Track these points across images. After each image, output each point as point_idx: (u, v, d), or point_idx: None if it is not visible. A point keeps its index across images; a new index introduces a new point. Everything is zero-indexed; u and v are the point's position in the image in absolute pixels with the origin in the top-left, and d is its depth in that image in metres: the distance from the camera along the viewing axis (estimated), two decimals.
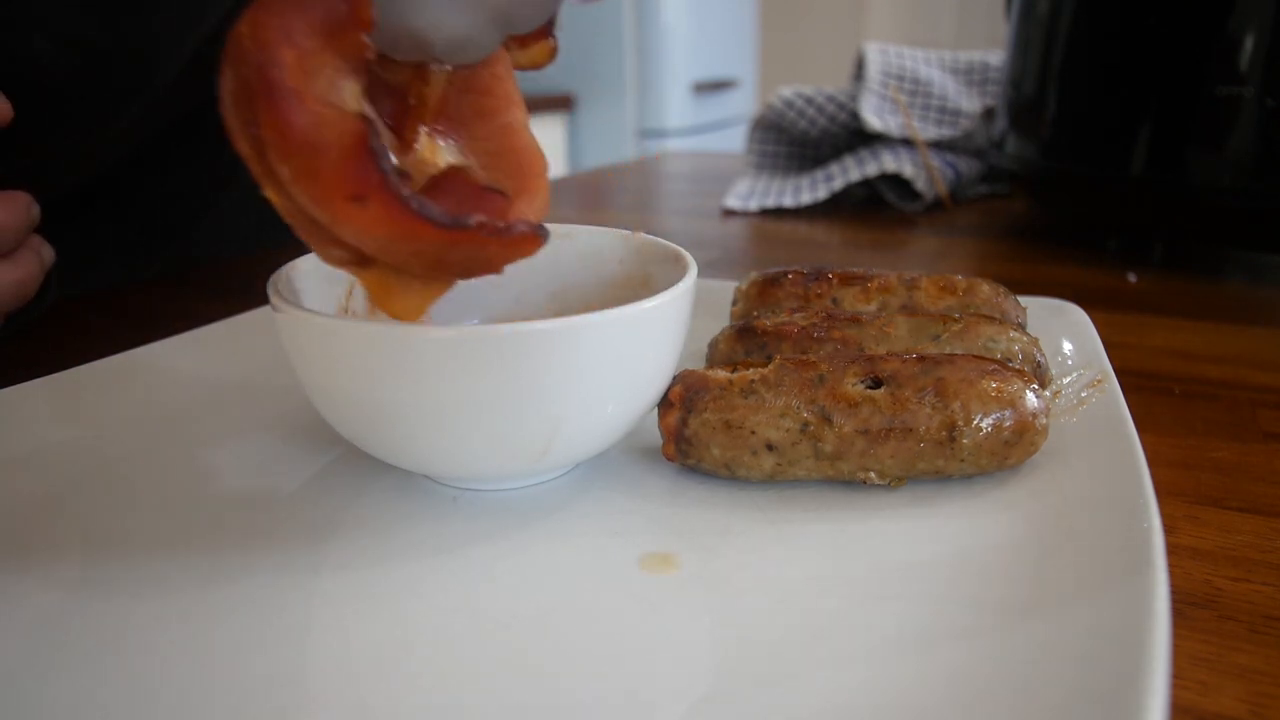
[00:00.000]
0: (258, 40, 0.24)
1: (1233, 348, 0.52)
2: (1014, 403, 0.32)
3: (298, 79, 0.24)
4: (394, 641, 0.26)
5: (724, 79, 2.95)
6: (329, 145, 0.24)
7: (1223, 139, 0.64)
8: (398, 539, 0.31)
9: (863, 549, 0.30)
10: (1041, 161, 0.76)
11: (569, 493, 0.34)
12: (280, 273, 0.33)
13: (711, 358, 0.41)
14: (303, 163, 0.24)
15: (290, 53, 0.24)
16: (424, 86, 0.29)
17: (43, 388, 0.41)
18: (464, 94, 0.30)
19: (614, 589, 0.28)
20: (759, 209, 0.95)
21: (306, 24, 0.24)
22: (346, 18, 0.25)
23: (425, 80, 0.29)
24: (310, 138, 0.24)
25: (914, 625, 0.25)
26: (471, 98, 0.30)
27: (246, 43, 0.24)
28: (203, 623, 0.27)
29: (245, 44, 0.24)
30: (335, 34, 0.25)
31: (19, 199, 0.39)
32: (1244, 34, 0.62)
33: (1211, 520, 0.34)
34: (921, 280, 0.43)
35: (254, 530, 0.31)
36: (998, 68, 1.02)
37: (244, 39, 0.24)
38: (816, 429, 0.32)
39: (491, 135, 0.31)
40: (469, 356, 0.28)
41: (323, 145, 0.24)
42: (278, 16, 0.24)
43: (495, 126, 0.31)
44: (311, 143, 0.24)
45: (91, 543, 0.31)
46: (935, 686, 0.23)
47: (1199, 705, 0.25)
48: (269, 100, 0.24)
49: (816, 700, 0.23)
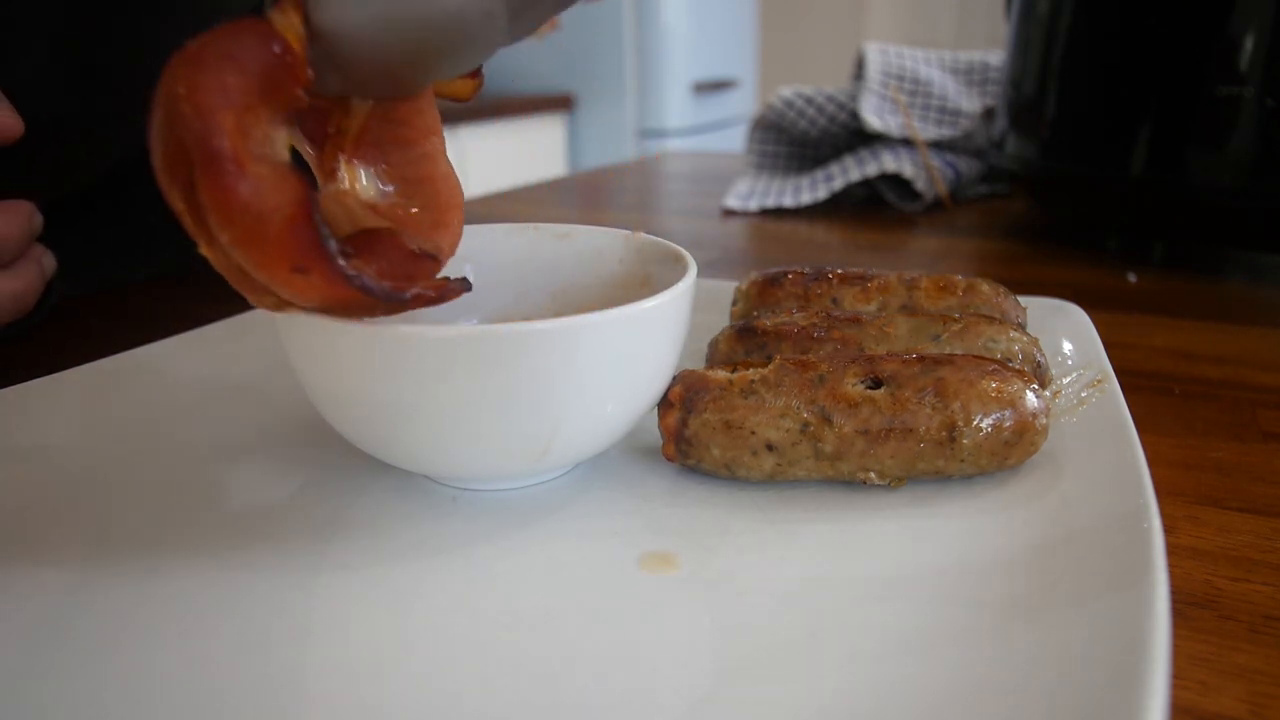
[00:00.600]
0: (197, 106, 0.23)
1: (1233, 348, 0.52)
2: (1014, 403, 0.32)
3: (237, 143, 0.24)
4: (394, 642, 0.26)
5: (724, 79, 2.95)
6: (270, 214, 0.24)
7: (1223, 139, 0.64)
8: (398, 539, 0.31)
9: (863, 549, 0.30)
10: (1041, 161, 0.76)
11: (569, 493, 0.34)
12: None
13: (711, 358, 0.41)
14: (244, 232, 0.24)
15: (229, 117, 0.24)
16: (345, 118, 0.29)
17: (43, 388, 0.41)
18: (383, 123, 0.30)
19: (614, 589, 0.28)
20: (759, 209, 0.95)
21: (245, 83, 0.24)
22: (284, 76, 0.25)
23: (346, 112, 0.29)
24: (253, 207, 0.24)
25: (914, 625, 0.25)
26: (390, 127, 0.30)
27: (185, 107, 0.23)
28: (203, 623, 0.27)
29: (184, 108, 0.23)
30: (272, 92, 0.25)
31: (21, 209, 0.38)
32: (1244, 34, 0.62)
33: (1211, 520, 0.34)
34: (921, 280, 0.43)
35: (254, 530, 0.31)
36: (998, 68, 1.02)
37: (181, 102, 0.23)
38: (816, 429, 0.32)
39: (409, 163, 0.31)
40: (469, 357, 0.28)
41: (264, 214, 0.24)
42: (214, 77, 0.23)
43: (414, 155, 0.31)
44: (254, 212, 0.24)
45: (92, 543, 0.31)
46: (935, 686, 0.23)
47: (1199, 705, 0.25)
48: (211, 169, 0.23)
49: (816, 700, 0.23)
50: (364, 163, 0.30)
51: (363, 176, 0.30)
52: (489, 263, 0.40)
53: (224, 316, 0.50)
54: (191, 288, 0.65)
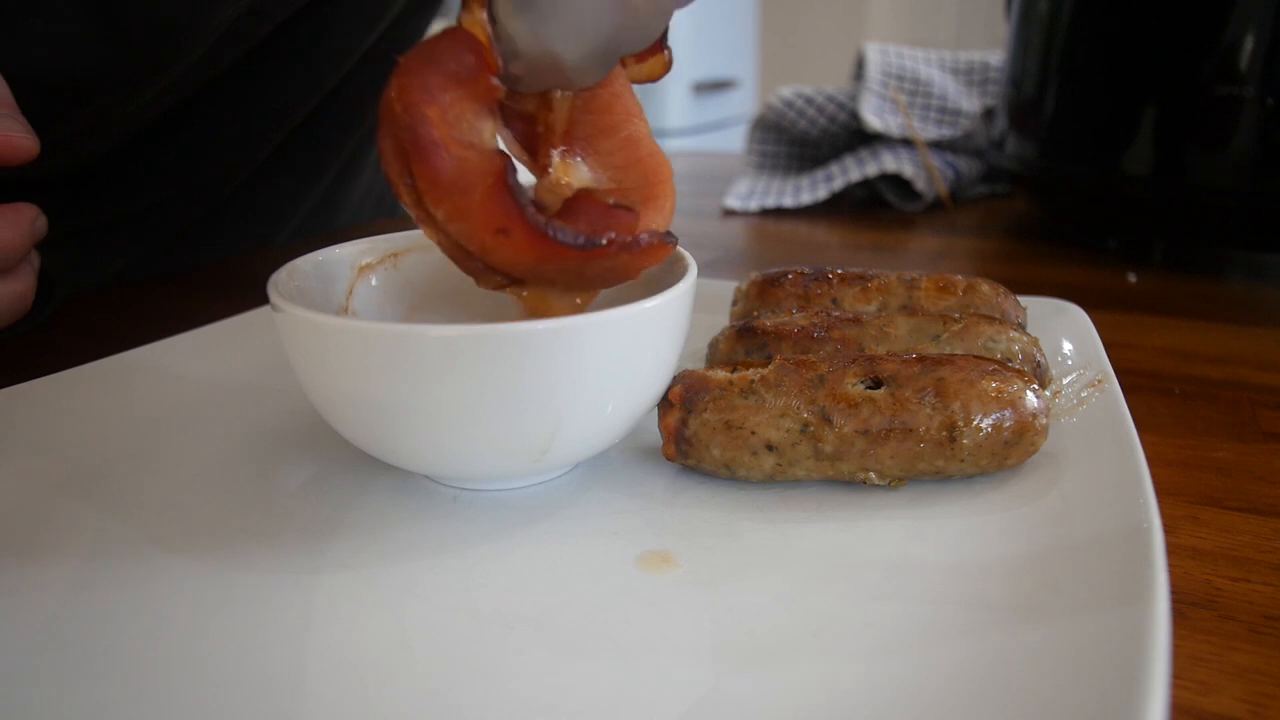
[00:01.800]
0: (405, 103, 0.27)
1: (1233, 348, 0.52)
2: (1014, 403, 0.32)
3: (441, 130, 0.28)
4: (394, 641, 0.26)
5: (724, 79, 2.95)
6: (473, 186, 0.28)
7: (1223, 139, 0.64)
8: (398, 539, 0.31)
9: (863, 549, 0.30)
10: (1041, 161, 0.76)
11: (569, 493, 0.34)
12: (280, 273, 0.33)
13: (711, 358, 0.41)
14: (453, 205, 0.28)
15: (433, 109, 0.28)
16: (549, 113, 0.32)
17: (43, 388, 0.41)
18: (587, 114, 0.33)
19: (613, 588, 0.28)
20: (759, 209, 0.95)
21: (443, 78, 0.28)
22: (476, 67, 0.29)
23: (550, 107, 0.32)
24: (457, 182, 0.28)
25: (914, 625, 0.25)
26: (594, 116, 0.33)
27: (396, 107, 0.27)
28: (203, 622, 0.27)
29: (395, 108, 0.27)
30: (468, 82, 0.29)
31: (24, 214, 0.38)
32: (1244, 34, 0.62)
33: (1211, 520, 0.34)
34: (921, 280, 0.43)
35: (254, 530, 0.31)
36: (998, 68, 1.02)
37: (393, 104, 0.27)
38: (816, 429, 0.32)
39: (616, 149, 0.33)
40: (468, 356, 0.28)
41: (468, 187, 0.28)
42: (418, 78, 0.28)
43: (619, 140, 0.33)
44: (459, 186, 0.28)
45: (92, 542, 0.31)
46: (935, 686, 0.23)
47: (1199, 705, 0.25)
48: (419, 154, 0.27)
49: (816, 700, 0.23)
50: (575, 154, 0.33)
51: (576, 167, 0.32)
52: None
53: (224, 316, 0.50)
54: (191, 288, 0.65)
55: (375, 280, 0.39)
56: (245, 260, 0.72)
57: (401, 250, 0.40)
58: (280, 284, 0.32)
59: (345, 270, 0.38)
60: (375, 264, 0.39)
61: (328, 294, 0.36)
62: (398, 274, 0.40)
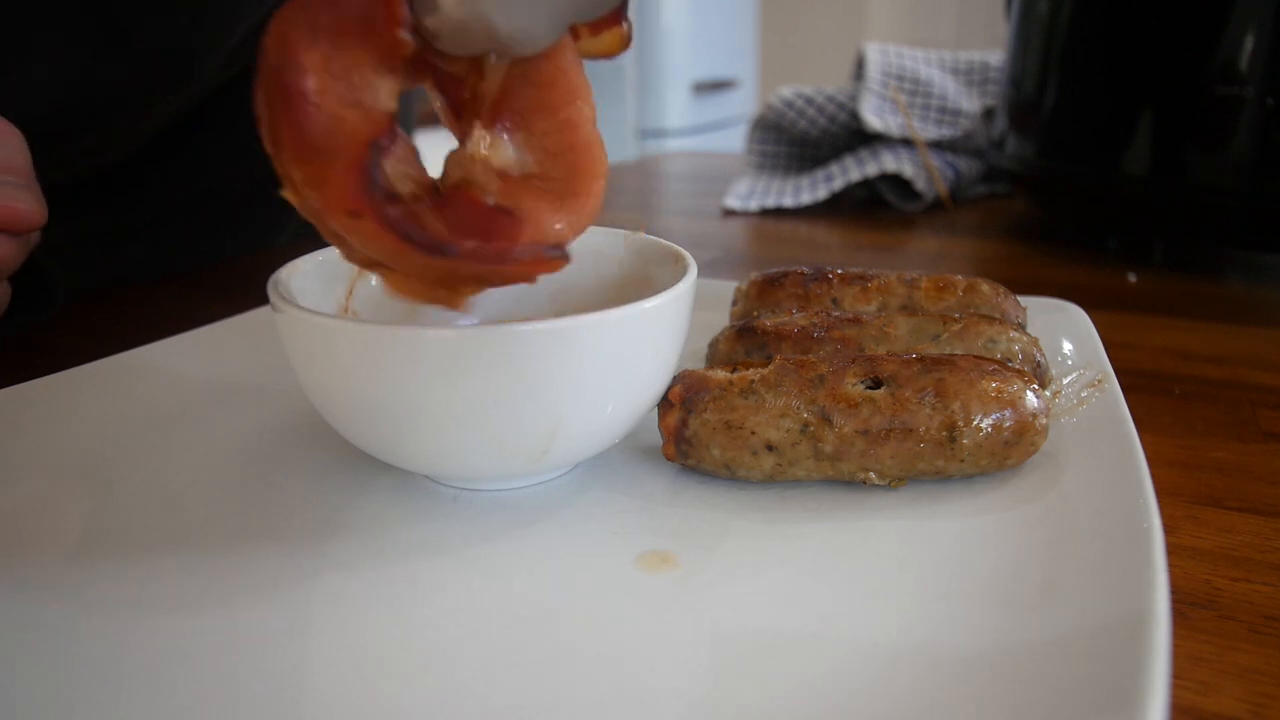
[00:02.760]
0: (281, 42, 0.23)
1: (1233, 348, 0.52)
2: (1014, 403, 0.32)
3: (319, 80, 0.24)
4: (394, 641, 0.26)
5: (724, 79, 2.95)
6: (337, 153, 0.24)
7: (1223, 139, 0.64)
8: (397, 539, 0.31)
9: (862, 549, 0.30)
10: (1041, 161, 0.76)
11: (569, 493, 0.34)
12: (280, 273, 0.33)
13: (712, 357, 0.41)
14: (312, 170, 0.24)
15: (313, 55, 0.23)
16: (479, 81, 0.28)
17: (43, 388, 0.41)
18: (526, 86, 0.29)
19: (613, 588, 0.28)
20: (759, 209, 0.95)
21: (335, 21, 0.24)
22: (379, 14, 0.24)
23: (480, 74, 0.28)
24: (321, 144, 0.24)
25: (914, 625, 0.25)
26: (533, 90, 0.29)
27: (269, 43, 0.24)
28: (202, 622, 0.27)
29: (269, 45, 0.24)
30: (366, 31, 0.24)
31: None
32: (1244, 34, 0.62)
33: (1211, 520, 0.34)
34: (921, 280, 0.43)
35: (254, 530, 0.31)
36: (998, 68, 1.02)
37: (269, 39, 0.24)
38: (816, 429, 0.32)
39: (551, 131, 0.29)
40: (469, 357, 0.28)
41: (331, 152, 0.24)
42: (304, 15, 0.24)
43: (556, 122, 0.29)
44: (322, 149, 0.24)
45: (91, 543, 0.31)
46: (935, 686, 0.23)
47: (1199, 705, 0.25)
48: (284, 104, 0.24)
49: (816, 700, 0.23)
50: (503, 129, 0.29)
51: (502, 144, 0.29)
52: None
53: (224, 316, 0.50)
54: (191, 288, 0.65)
55: (376, 279, 0.38)
56: (245, 261, 0.72)
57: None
58: (280, 284, 0.32)
59: (346, 269, 0.38)
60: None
61: (328, 293, 0.36)
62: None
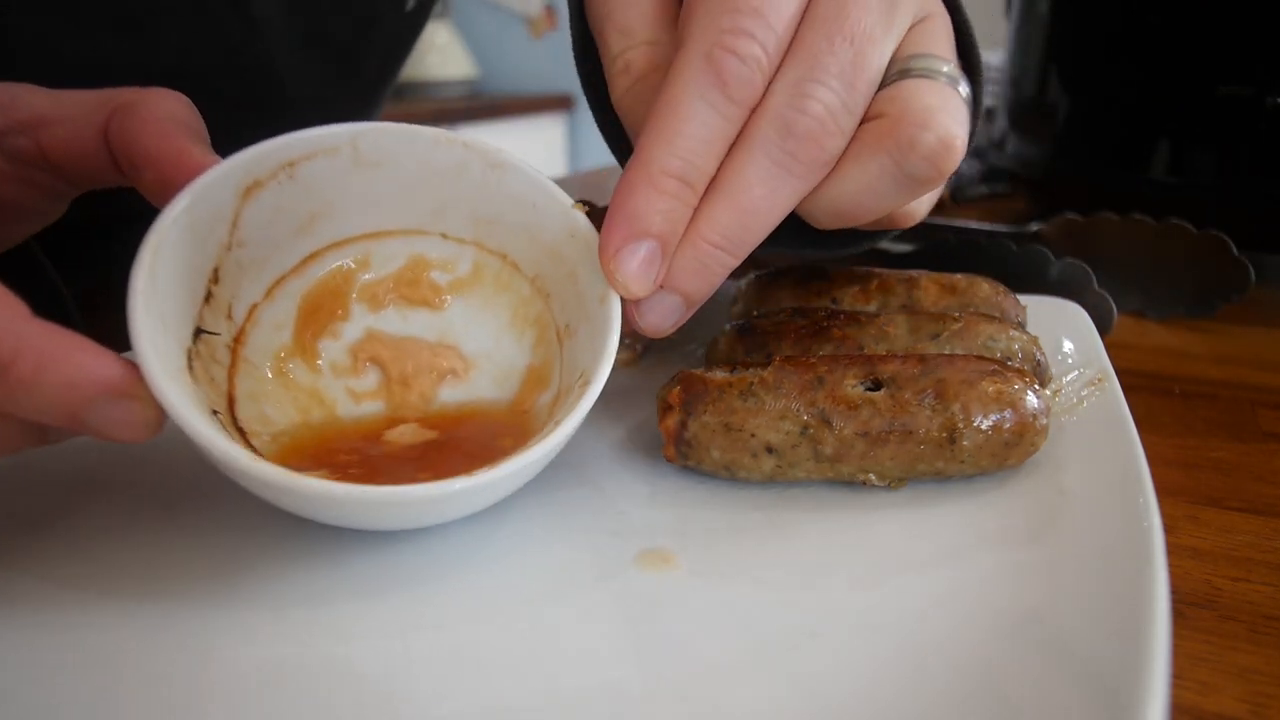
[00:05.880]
0: None
1: (1233, 348, 0.52)
2: (1014, 404, 0.32)
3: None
4: (393, 641, 0.26)
5: None
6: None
7: (1223, 139, 0.64)
8: (397, 539, 0.31)
9: (862, 548, 0.30)
10: (1041, 161, 0.76)
11: (569, 492, 0.34)
12: (140, 263, 0.28)
13: (712, 357, 0.41)
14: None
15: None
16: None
17: None
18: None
19: (613, 587, 0.28)
20: None
21: None
22: None
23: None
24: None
25: (914, 625, 0.25)
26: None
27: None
28: (206, 623, 0.27)
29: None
30: None
31: None
32: (1244, 34, 0.62)
33: (1211, 520, 0.34)
34: (921, 280, 0.43)
35: (254, 529, 0.31)
36: (998, 68, 1.02)
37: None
38: (816, 432, 0.32)
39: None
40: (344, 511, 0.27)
41: None
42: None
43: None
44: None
45: (92, 542, 0.31)
46: (935, 686, 0.23)
47: (1199, 705, 0.25)
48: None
49: (815, 699, 0.23)
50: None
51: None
52: (408, 171, 0.35)
53: None
54: None
55: (265, 200, 0.33)
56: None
57: (299, 157, 0.33)
58: (140, 291, 0.28)
59: (228, 199, 0.32)
60: (265, 180, 0.32)
61: (206, 241, 0.32)
62: (294, 186, 0.33)
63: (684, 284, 0.31)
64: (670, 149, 0.29)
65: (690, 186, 0.30)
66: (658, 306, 0.32)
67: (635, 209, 0.29)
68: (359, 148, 0.34)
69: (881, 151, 0.30)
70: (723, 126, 0.30)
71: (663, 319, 0.32)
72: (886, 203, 0.31)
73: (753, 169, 0.30)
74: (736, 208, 0.30)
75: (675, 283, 0.31)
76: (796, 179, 0.30)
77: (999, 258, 0.55)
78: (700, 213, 0.30)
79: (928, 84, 0.30)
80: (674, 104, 0.29)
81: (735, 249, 0.31)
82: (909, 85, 0.30)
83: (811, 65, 0.29)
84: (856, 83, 0.30)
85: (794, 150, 0.29)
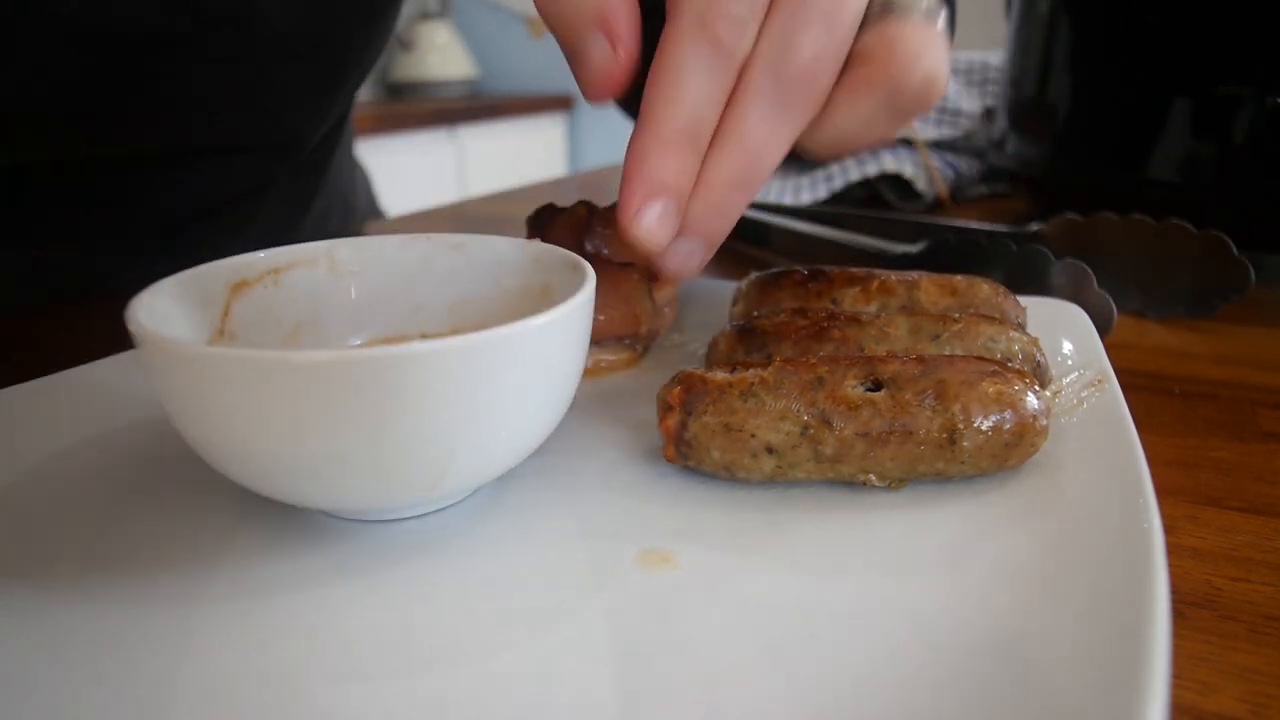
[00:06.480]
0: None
1: (1233, 348, 0.52)
2: (1014, 405, 0.32)
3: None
4: (391, 640, 0.26)
5: None
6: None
7: (1223, 138, 0.64)
8: (396, 539, 0.31)
9: (863, 549, 0.30)
10: (1041, 161, 0.76)
11: (569, 493, 0.34)
12: (142, 296, 0.30)
13: (712, 357, 0.41)
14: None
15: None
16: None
17: (43, 388, 0.41)
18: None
19: (613, 588, 0.28)
20: None
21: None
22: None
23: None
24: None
25: (914, 625, 0.25)
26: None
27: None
28: (206, 622, 0.27)
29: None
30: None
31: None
32: (1245, 33, 0.62)
33: (1211, 520, 0.34)
34: (921, 280, 0.43)
35: (253, 530, 0.31)
36: (998, 68, 1.02)
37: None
38: (816, 432, 0.32)
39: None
40: (351, 385, 0.25)
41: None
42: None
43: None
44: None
45: (92, 543, 0.31)
46: (934, 687, 0.23)
47: (1199, 705, 0.25)
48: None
49: (815, 700, 0.23)
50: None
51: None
52: (381, 277, 0.39)
53: None
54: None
55: (254, 300, 0.36)
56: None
57: (283, 266, 0.37)
58: (142, 309, 0.29)
59: (219, 289, 0.35)
60: (253, 281, 0.36)
61: (199, 317, 0.34)
62: (279, 292, 0.37)
63: (703, 227, 0.33)
64: (674, 110, 0.32)
65: (696, 140, 0.32)
66: (679, 253, 0.34)
67: (648, 171, 0.32)
68: (335, 258, 0.38)
69: (873, 94, 0.33)
70: (721, 81, 0.32)
71: (685, 263, 0.34)
72: (878, 134, 0.35)
73: (754, 114, 0.32)
74: (743, 150, 0.33)
75: (695, 228, 0.33)
76: (794, 118, 0.33)
77: (999, 258, 0.55)
78: (710, 160, 0.33)
79: (910, 24, 0.34)
80: (672, 69, 0.32)
81: (748, 187, 0.33)
82: (893, 28, 0.33)
83: (794, 13, 0.32)
84: (838, 26, 0.32)
85: (788, 92, 0.32)
